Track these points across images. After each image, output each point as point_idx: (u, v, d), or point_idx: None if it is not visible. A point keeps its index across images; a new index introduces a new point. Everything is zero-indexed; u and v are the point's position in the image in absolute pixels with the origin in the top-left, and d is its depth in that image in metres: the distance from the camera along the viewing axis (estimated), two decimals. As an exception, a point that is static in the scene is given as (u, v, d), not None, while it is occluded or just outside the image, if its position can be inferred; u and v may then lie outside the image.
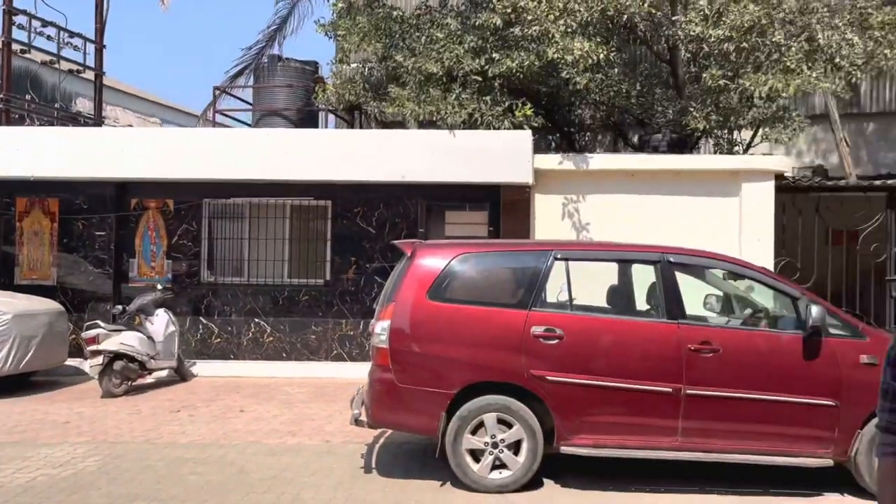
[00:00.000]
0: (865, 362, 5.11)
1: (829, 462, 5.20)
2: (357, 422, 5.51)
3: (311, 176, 9.72)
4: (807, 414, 5.16)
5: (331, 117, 14.71)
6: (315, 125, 13.89)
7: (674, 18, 9.88)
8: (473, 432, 5.22)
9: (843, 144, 13.82)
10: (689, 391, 5.14)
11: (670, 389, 5.15)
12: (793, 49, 9.34)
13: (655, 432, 5.20)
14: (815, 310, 5.15)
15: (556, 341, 5.25)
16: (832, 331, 5.28)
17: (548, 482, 5.41)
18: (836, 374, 5.15)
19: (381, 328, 5.36)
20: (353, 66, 11.61)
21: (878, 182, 11.41)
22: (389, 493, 5.14)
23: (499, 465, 5.23)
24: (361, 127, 13.17)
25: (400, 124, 11.67)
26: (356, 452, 6.16)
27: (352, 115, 13.32)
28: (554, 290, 5.67)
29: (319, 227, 10.69)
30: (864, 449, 5.05)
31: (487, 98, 9.80)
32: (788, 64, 9.23)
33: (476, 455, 5.23)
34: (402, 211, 10.47)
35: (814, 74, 9.19)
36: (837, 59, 9.40)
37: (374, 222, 10.51)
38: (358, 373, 7.17)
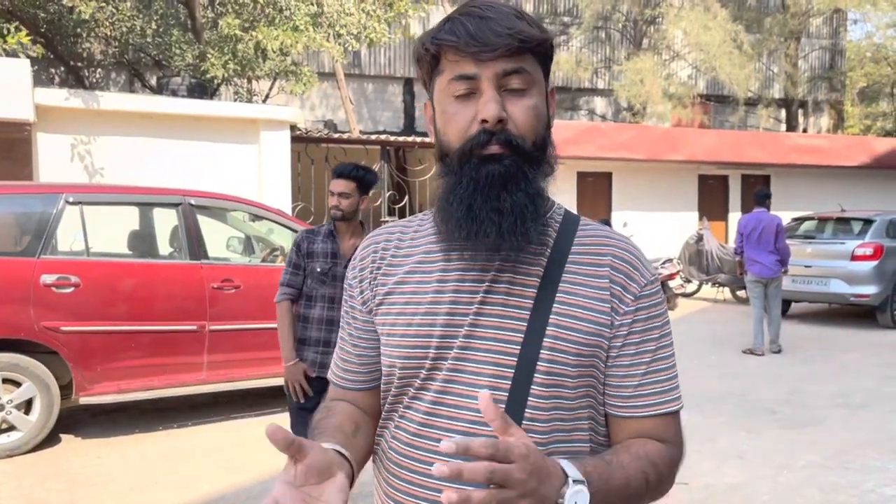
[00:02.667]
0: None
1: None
2: None
3: None
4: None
5: None
6: None
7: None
8: (-28, 398, 4.64)
9: (347, 102, 15.49)
10: (212, 327, 5.38)
11: (195, 327, 5.32)
12: (301, 10, 10.10)
13: (182, 369, 5.32)
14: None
15: (71, 290, 4.93)
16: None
17: (67, 437, 5.12)
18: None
19: None
20: None
21: (374, 136, 13.17)
22: None
23: (7, 427, 4.75)
24: None
25: None
26: None
27: None
28: (67, 237, 5.28)
29: None
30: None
31: (-31, 17, 8.35)
32: (297, 23, 9.96)
33: (-23, 422, 4.67)
34: None
35: (318, 37, 10.11)
36: (338, 27, 10.49)
37: None
38: None
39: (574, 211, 1.23)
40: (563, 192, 13.84)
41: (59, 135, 8.79)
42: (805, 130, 21.61)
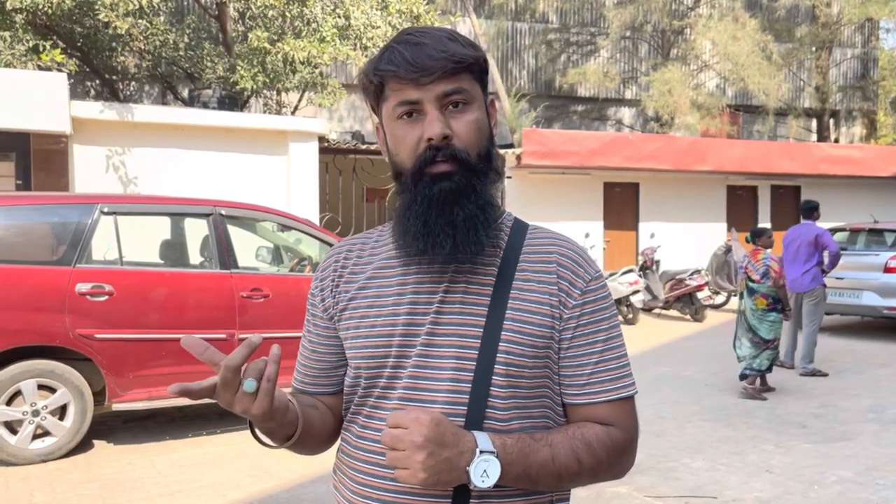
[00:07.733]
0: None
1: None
2: None
3: None
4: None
5: None
6: None
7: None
8: (9, 403, 4.76)
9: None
10: (242, 335, 5.45)
11: (224, 335, 5.39)
12: (329, 23, 10.23)
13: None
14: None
15: (105, 298, 5.04)
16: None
17: (100, 442, 5.22)
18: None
19: None
20: None
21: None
22: None
23: (42, 433, 4.86)
24: None
25: None
26: None
27: None
28: (102, 246, 5.40)
29: None
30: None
31: (7, 34, 8.58)
32: (324, 35, 10.10)
33: (14, 427, 4.78)
34: None
35: (344, 48, 10.23)
36: (364, 39, 10.61)
37: None
38: None
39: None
40: (589, 203, 13.80)
41: (94, 146, 9.00)
42: (837, 140, 21.29)
